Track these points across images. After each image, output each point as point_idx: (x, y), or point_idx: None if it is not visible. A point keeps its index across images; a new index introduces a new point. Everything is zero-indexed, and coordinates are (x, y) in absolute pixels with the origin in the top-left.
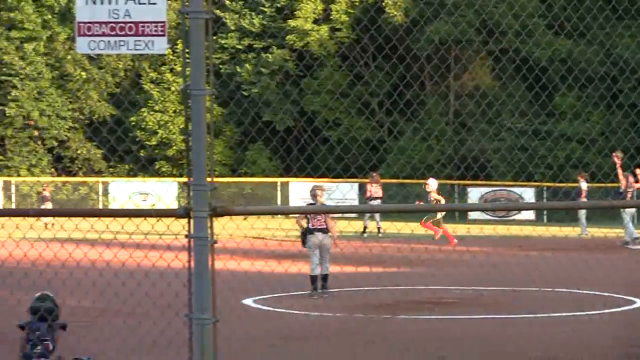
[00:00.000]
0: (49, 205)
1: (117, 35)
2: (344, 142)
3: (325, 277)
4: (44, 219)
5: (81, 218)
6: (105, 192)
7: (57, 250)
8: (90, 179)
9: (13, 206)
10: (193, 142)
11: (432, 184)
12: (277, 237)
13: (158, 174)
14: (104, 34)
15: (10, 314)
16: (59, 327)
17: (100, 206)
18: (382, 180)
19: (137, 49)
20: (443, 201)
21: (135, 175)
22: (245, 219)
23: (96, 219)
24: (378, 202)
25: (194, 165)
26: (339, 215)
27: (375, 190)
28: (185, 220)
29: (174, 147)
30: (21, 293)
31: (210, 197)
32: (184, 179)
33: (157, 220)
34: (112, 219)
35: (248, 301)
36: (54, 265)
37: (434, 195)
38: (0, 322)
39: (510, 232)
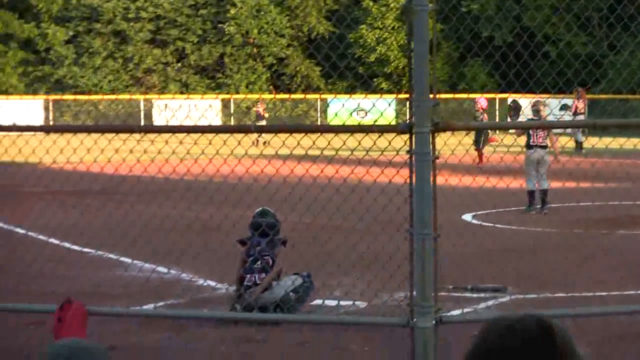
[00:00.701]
0: (263, 123)
1: None
2: (566, 58)
3: (545, 193)
4: (261, 137)
5: (303, 134)
6: (325, 109)
7: (279, 166)
8: (309, 96)
9: (232, 123)
10: (415, 58)
11: None
12: (499, 153)
13: (376, 90)
14: None
15: (233, 230)
16: (279, 243)
17: (319, 122)
18: (603, 96)
19: None
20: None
21: (353, 92)
22: (467, 134)
23: (318, 135)
24: (581, 117)
25: (415, 81)
26: (561, 130)
27: (581, 106)
28: (407, 136)
29: (392, 64)
30: (243, 209)
31: (432, 113)
32: (404, 96)
33: (379, 136)
34: (333, 135)
35: (468, 217)
36: (276, 181)
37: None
38: (224, 238)
39: None
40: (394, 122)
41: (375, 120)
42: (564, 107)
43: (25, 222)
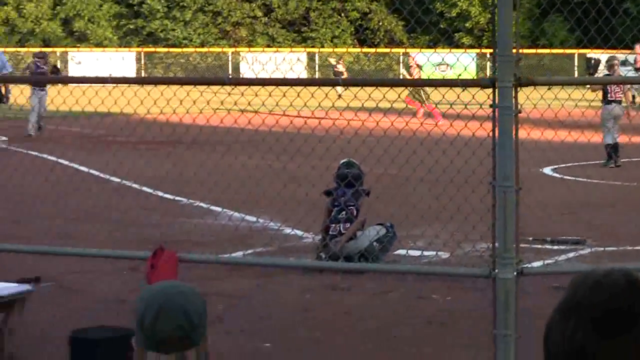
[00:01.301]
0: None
1: None
2: None
3: (616, 146)
4: (339, 90)
5: (388, 88)
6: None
7: (365, 118)
8: (392, 50)
9: (317, 76)
10: (499, 12)
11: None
12: (581, 107)
13: (457, 45)
14: None
15: (319, 180)
16: (364, 193)
17: (401, 77)
18: None
19: None
20: None
21: (435, 47)
22: (549, 88)
23: (402, 89)
24: None
25: (499, 36)
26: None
27: None
28: (490, 90)
29: (474, 19)
30: (330, 160)
31: (514, 68)
32: (487, 50)
33: (462, 90)
34: (403, 88)
35: (548, 170)
36: (362, 134)
37: None
38: (311, 189)
39: None
40: (475, 77)
41: (459, 75)
42: (624, 63)
43: (119, 171)
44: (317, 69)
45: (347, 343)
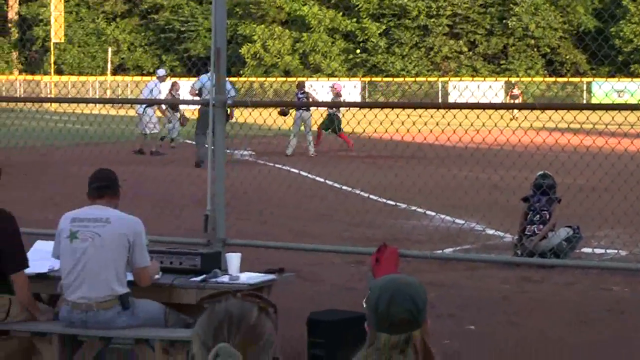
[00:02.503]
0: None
1: None
2: None
3: None
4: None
5: (566, 111)
6: (589, 90)
7: (558, 137)
8: (575, 80)
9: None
10: None
11: None
12: None
13: (632, 75)
14: None
15: (518, 189)
16: (556, 200)
17: (584, 102)
18: None
19: None
20: None
21: (613, 76)
22: None
23: (578, 111)
24: None
25: None
26: None
27: None
28: None
29: None
30: (527, 172)
31: None
32: None
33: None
34: (591, 112)
35: None
36: (555, 149)
37: None
38: (511, 196)
39: None
40: None
41: (639, 100)
42: None
43: (350, 180)
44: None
45: (540, 326)
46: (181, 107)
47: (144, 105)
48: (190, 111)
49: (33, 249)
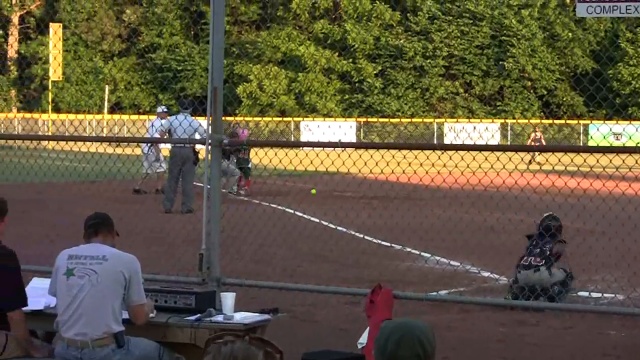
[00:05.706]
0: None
1: (611, 1)
2: None
3: None
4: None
5: (563, 153)
6: (585, 132)
7: (554, 180)
8: (572, 122)
9: (508, 143)
10: None
11: None
12: None
13: (630, 117)
14: (601, 0)
15: (515, 231)
16: (557, 241)
17: (581, 144)
18: None
19: (628, 13)
20: None
21: (610, 119)
22: None
23: (576, 154)
24: None
25: None
26: None
27: None
28: None
29: None
30: (523, 214)
31: None
32: None
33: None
34: (588, 154)
35: None
36: (552, 192)
37: None
38: (507, 238)
39: None
40: None
41: (638, 143)
42: None
43: (345, 221)
44: (508, 136)
45: None
46: (161, 145)
47: (149, 144)
48: (167, 149)
49: (29, 286)
